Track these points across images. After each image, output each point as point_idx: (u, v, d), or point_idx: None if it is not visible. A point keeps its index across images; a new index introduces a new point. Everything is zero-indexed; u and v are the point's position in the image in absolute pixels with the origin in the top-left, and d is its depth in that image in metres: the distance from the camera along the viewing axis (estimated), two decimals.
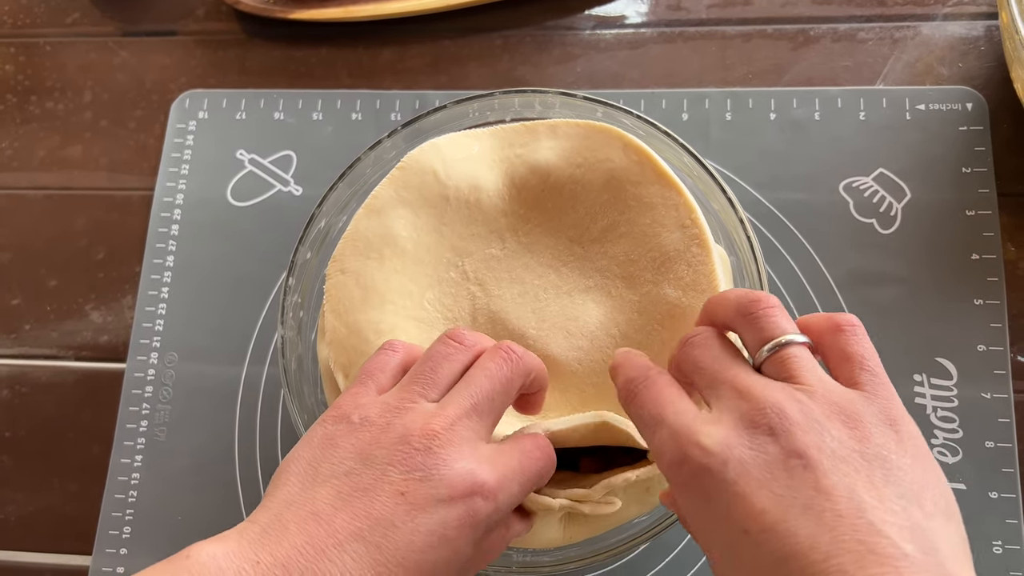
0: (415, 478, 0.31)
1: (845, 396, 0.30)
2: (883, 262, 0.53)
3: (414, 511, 0.31)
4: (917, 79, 0.56)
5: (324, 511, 0.31)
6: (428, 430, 0.32)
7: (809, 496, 0.27)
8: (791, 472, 0.28)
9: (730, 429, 0.29)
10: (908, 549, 0.26)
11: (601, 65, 0.59)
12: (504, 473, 0.33)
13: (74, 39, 0.65)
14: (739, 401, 0.30)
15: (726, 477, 0.28)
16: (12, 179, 0.62)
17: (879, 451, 0.28)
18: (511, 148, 0.47)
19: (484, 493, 0.32)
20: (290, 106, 0.60)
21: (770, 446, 0.29)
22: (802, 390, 0.30)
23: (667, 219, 0.44)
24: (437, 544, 0.31)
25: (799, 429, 0.29)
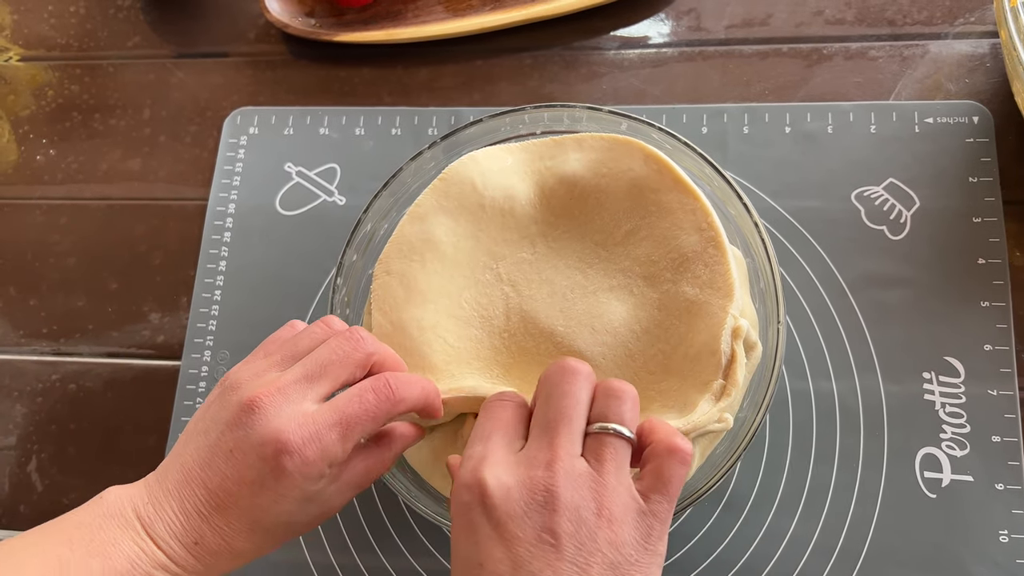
0: (238, 436, 0.38)
1: (625, 505, 0.35)
2: (893, 266, 0.56)
3: (239, 465, 0.37)
4: (926, 94, 0.59)
5: (189, 465, 0.38)
6: (259, 394, 0.38)
7: (540, 568, 0.33)
8: (540, 544, 0.33)
9: (517, 483, 0.35)
10: None
11: (625, 82, 0.63)
12: (315, 430, 0.37)
13: (134, 61, 0.70)
14: (543, 460, 0.35)
15: (490, 518, 0.34)
16: (77, 190, 0.66)
17: (623, 561, 0.34)
18: (541, 161, 0.51)
19: (288, 450, 0.37)
20: (334, 122, 0.65)
21: (536, 515, 0.34)
22: (596, 481, 0.35)
23: (685, 223, 0.47)
24: (260, 491, 0.37)
25: (566, 515, 0.34)
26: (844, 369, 0.54)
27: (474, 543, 0.34)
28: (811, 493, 0.52)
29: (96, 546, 0.36)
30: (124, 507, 0.38)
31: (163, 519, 0.37)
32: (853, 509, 0.51)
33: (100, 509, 0.38)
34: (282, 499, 0.38)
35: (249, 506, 0.38)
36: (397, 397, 0.39)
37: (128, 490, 0.39)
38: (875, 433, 0.52)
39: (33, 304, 0.64)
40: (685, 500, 0.45)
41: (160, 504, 0.38)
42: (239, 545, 0.38)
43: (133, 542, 0.37)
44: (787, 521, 0.52)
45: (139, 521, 0.37)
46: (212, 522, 0.38)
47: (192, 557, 0.38)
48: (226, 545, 0.38)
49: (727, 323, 0.44)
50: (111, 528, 0.37)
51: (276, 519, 0.38)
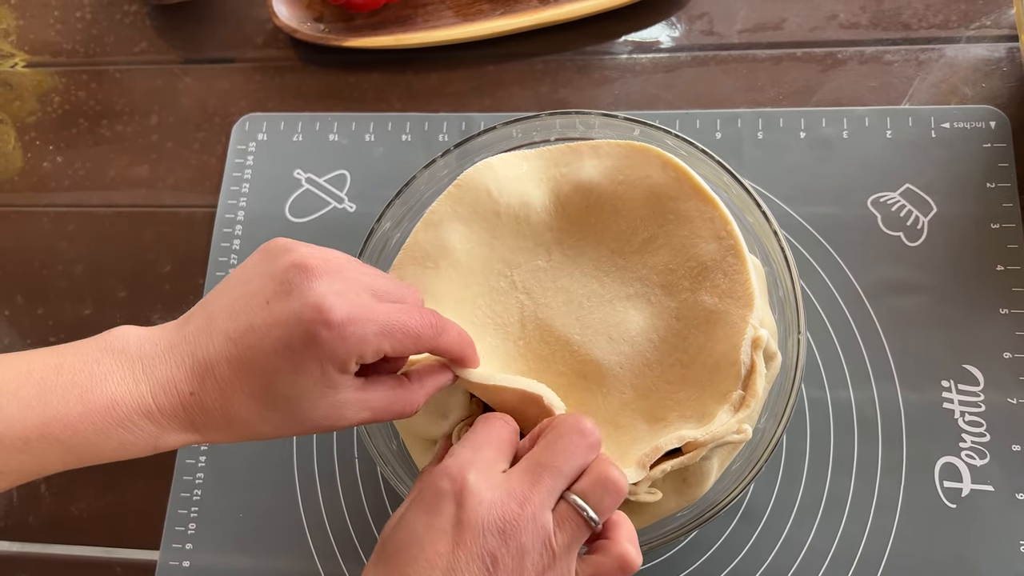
0: (282, 290, 0.35)
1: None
2: (910, 273, 0.55)
3: (270, 319, 0.35)
4: (942, 99, 0.59)
5: (216, 313, 0.36)
6: (313, 261, 0.36)
7: None
8: (480, 562, 0.34)
9: (491, 500, 0.35)
10: None
11: (638, 87, 0.62)
12: (360, 315, 0.35)
13: (141, 67, 0.69)
14: (520, 493, 0.35)
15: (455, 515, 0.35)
16: (84, 197, 0.66)
17: None
18: (556, 168, 0.51)
19: (328, 322, 0.35)
20: (344, 128, 0.64)
21: (491, 537, 0.34)
22: (548, 545, 0.35)
23: (704, 231, 0.47)
24: (283, 351, 0.35)
25: (513, 553, 0.34)
26: (862, 377, 0.53)
27: (428, 524, 0.35)
28: (829, 503, 0.51)
29: (83, 378, 0.34)
30: (128, 344, 0.36)
31: (168, 362, 0.35)
32: (872, 519, 0.51)
33: (103, 342, 0.36)
34: (301, 369, 0.35)
35: (264, 365, 0.35)
36: (440, 326, 0.38)
37: (141, 331, 0.37)
38: (894, 442, 0.52)
39: (40, 312, 0.63)
40: (705, 512, 0.44)
41: (171, 347, 0.36)
42: (236, 408, 0.36)
43: (123, 382, 0.35)
44: (805, 531, 0.51)
45: (140, 362, 0.35)
46: (218, 373, 0.35)
47: (182, 408, 0.35)
48: (222, 403, 0.35)
49: (747, 333, 0.44)
50: (107, 362, 0.35)
51: (285, 391, 0.36)
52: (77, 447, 0.34)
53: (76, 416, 0.34)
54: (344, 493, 0.55)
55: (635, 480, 0.42)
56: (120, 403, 0.34)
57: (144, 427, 0.35)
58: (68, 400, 0.34)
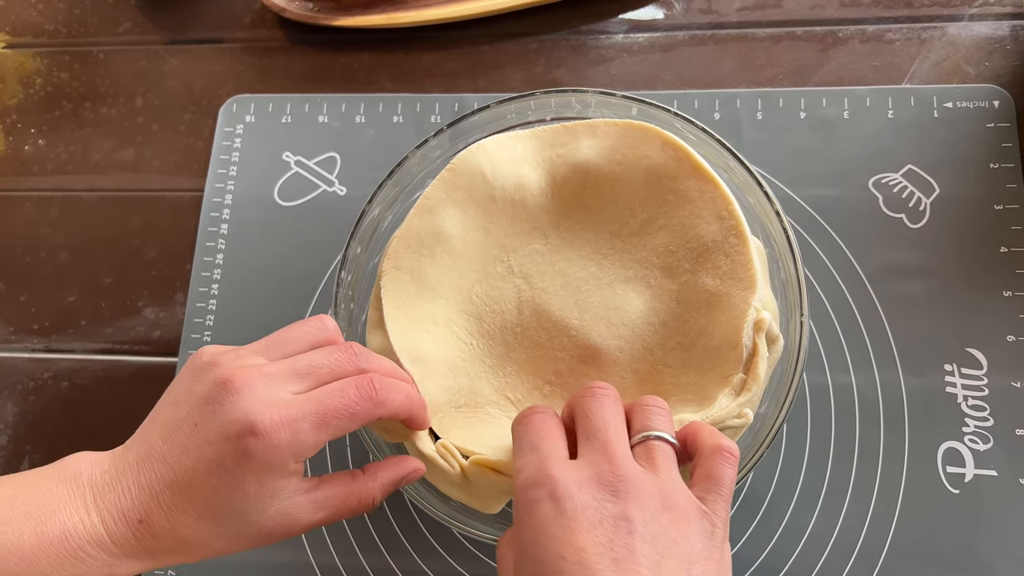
0: (208, 410, 0.36)
1: (687, 500, 0.35)
2: (913, 255, 0.54)
3: (200, 441, 0.36)
4: (944, 78, 0.58)
5: (153, 438, 0.37)
6: (238, 375, 0.36)
7: (622, 554, 0.32)
8: (617, 530, 0.33)
9: (585, 477, 0.34)
10: None
11: (635, 67, 0.61)
12: (288, 415, 0.36)
13: (126, 48, 0.68)
14: (602, 459, 0.35)
15: (564, 510, 0.33)
16: (68, 181, 0.64)
17: (692, 552, 0.33)
18: (552, 148, 0.49)
19: (255, 431, 0.35)
20: (334, 110, 0.63)
21: (609, 504, 0.33)
22: (655, 479, 0.35)
23: (704, 211, 0.46)
24: (216, 471, 0.35)
25: (636, 503, 0.33)
26: (863, 362, 0.52)
27: (549, 537, 0.33)
28: (830, 489, 0.50)
29: (36, 509, 0.35)
30: (81, 473, 0.36)
31: (115, 491, 0.36)
32: (874, 505, 0.50)
33: (57, 472, 0.37)
34: (239, 485, 0.35)
35: (203, 487, 0.35)
36: (379, 398, 0.38)
37: (92, 457, 0.37)
38: (896, 427, 0.51)
39: (24, 299, 0.62)
40: None
41: (117, 475, 0.36)
42: (185, 531, 0.36)
43: (76, 512, 0.35)
44: (806, 518, 0.50)
45: (91, 490, 0.36)
46: (162, 499, 0.36)
47: (133, 536, 0.36)
48: (171, 528, 0.36)
49: (749, 315, 0.43)
50: (59, 492, 0.36)
51: (229, 507, 0.36)
52: None
53: (30, 548, 0.34)
54: None
55: None
56: (73, 534, 0.35)
57: (97, 556, 0.35)
58: (23, 532, 0.34)
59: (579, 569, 0.32)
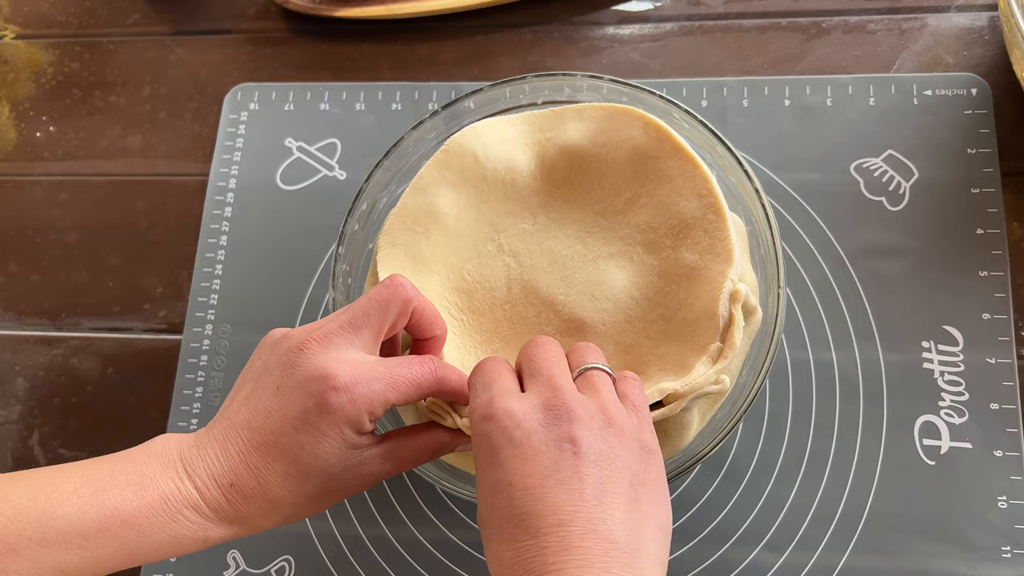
0: (287, 374, 0.39)
1: (626, 417, 0.38)
2: (892, 237, 0.56)
3: (284, 402, 0.38)
4: (924, 67, 0.60)
5: (235, 411, 0.39)
6: (307, 339, 0.39)
7: (567, 475, 0.34)
8: (562, 452, 0.35)
9: (531, 406, 0.37)
10: (621, 540, 0.33)
11: (625, 57, 0.63)
12: (364, 375, 0.38)
13: (134, 38, 0.70)
14: (547, 390, 0.37)
15: (513, 438, 0.36)
16: (78, 166, 0.66)
17: (632, 464, 0.36)
18: (542, 132, 0.51)
19: (335, 386, 0.38)
20: (335, 98, 0.65)
21: (554, 428, 0.36)
22: (596, 401, 0.37)
23: (685, 189, 0.47)
24: (302, 427, 0.38)
25: (580, 424, 0.36)
26: (844, 339, 0.54)
27: (499, 465, 0.35)
28: (811, 461, 0.52)
29: (135, 477, 0.37)
30: (170, 450, 0.39)
31: (204, 460, 0.38)
32: (852, 477, 0.52)
33: (148, 449, 0.39)
34: (323, 439, 0.38)
35: (290, 444, 0.38)
36: (440, 375, 0.41)
37: (178, 436, 0.40)
38: (874, 402, 0.53)
39: (34, 280, 0.64)
40: (686, 463, 0.45)
41: (204, 447, 0.38)
42: (274, 490, 0.38)
43: (171, 479, 0.37)
44: (787, 489, 0.52)
45: (181, 462, 0.38)
46: (250, 462, 0.38)
47: (225, 500, 0.38)
48: (260, 488, 0.38)
49: (725, 287, 0.44)
50: (153, 464, 0.38)
51: (314, 462, 0.38)
52: (132, 542, 0.36)
53: (132, 511, 0.36)
54: None
55: None
56: (171, 498, 0.37)
57: (193, 520, 0.37)
58: (124, 497, 0.36)
59: (525, 494, 0.34)
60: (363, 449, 0.40)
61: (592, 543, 0.33)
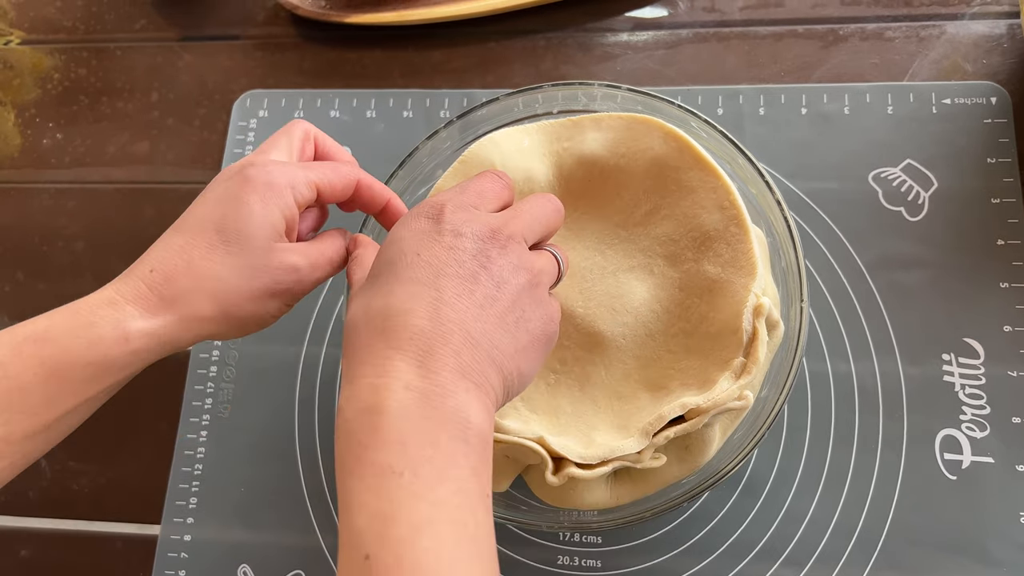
0: (223, 176, 0.42)
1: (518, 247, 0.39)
2: (911, 247, 0.55)
3: (209, 191, 0.41)
4: (943, 75, 0.59)
5: (175, 230, 0.41)
6: (254, 158, 0.42)
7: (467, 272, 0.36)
8: (476, 260, 0.36)
9: (477, 223, 0.38)
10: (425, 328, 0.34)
11: (639, 64, 0.62)
12: (285, 167, 0.41)
13: (142, 44, 0.69)
14: (496, 220, 0.39)
15: (442, 231, 0.37)
16: (85, 173, 0.66)
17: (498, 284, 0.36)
18: (559, 142, 0.51)
19: (253, 163, 0.41)
20: (345, 105, 0.64)
21: (480, 244, 0.37)
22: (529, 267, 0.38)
23: (706, 201, 0.47)
24: (224, 197, 0.40)
25: (496, 265, 0.37)
26: (863, 351, 0.54)
27: (419, 236, 0.37)
28: (830, 475, 0.52)
29: (57, 306, 0.38)
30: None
31: (131, 268, 0.39)
32: (873, 491, 0.51)
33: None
34: (243, 204, 0.39)
35: (211, 216, 0.39)
36: (367, 184, 0.44)
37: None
38: (894, 415, 0.52)
39: (42, 288, 0.63)
40: (708, 480, 0.44)
41: (135, 264, 0.40)
42: (198, 263, 0.38)
43: (97, 294, 0.38)
44: (806, 503, 0.51)
45: (117, 282, 0.39)
46: (172, 243, 0.39)
47: (146, 287, 0.38)
48: (184, 264, 0.38)
49: (749, 301, 0.44)
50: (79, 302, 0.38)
51: (236, 228, 0.39)
52: (50, 357, 0.36)
53: (43, 327, 0.36)
54: None
55: (638, 448, 0.42)
56: (84, 304, 0.37)
57: (108, 316, 0.37)
58: (37, 321, 0.37)
59: (427, 268, 0.35)
60: (283, 240, 0.40)
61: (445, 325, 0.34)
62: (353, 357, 0.34)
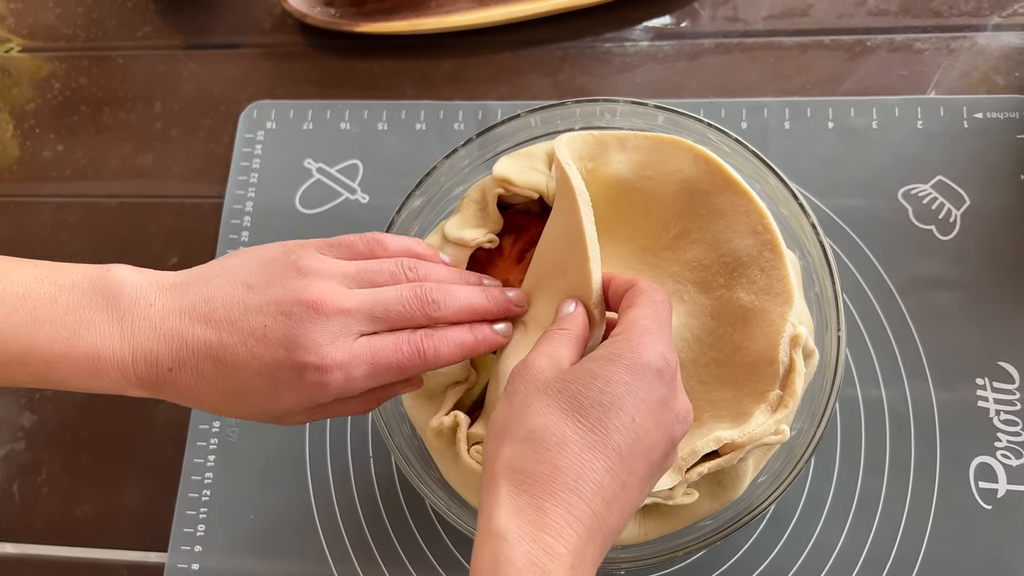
0: (282, 320, 0.36)
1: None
2: (943, 268, 0.54)
3: (263, 342, 0.36)
4: (973, 88, 0.57)
5: (215, 299, 0.37)
6: (322, 302, 0.37)
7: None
8: None
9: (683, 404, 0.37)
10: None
11: (660, 75, 0.60)
12: (348, 360, 0.37)
13: (144, 52, 0.67)
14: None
15: None
16: (87, 187, 0.64)
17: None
18: (581, 161, 0.48)
19: (319, 367, 0.36)
20: (355, 117, 0.62)
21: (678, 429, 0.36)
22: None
23: (739, 225, 0.45)
24: (266, 377, 0.36)
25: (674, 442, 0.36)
26: (894, 375, 0.52)
27: (637, 394, 0.35)
28: (861, 504, 0.50)
29: (72, 320, 0.36)
30: (124, 292, 0.37)
31: (157, 332, 0.36)
32: (905, 521, 0.49)
33: (101, 282, 0.38)
34: (277, 397, 0.37)
35: (246, 380, 0.36)
36: (431, 355, 0.39)
37: (139, 279, 0.38)
38: (927, 442, 0.51)
39: None
40: (742, 518, 0.43)
41: (164, 317, 0.37)
42: (205, 399, 0.37)
43: (109, 336, 0.36)
44: (836, 533, 0.50)
45: (131, 320, 0.37)
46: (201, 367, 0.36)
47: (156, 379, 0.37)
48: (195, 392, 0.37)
49: (786, 331, 0.42)
50: (98, 306, 0.37)
51: (255, 405, 0.38)
52: (50, 380, 0.37)
53: (58, 357, 0.36)
54: (358, 493, 0.54)
55: (671, 485, 0.41)
56: (101, 357, 0.36)
57: (117, 382, 0.37)
58: (55, 340, 0.36)
59: (631, 439, 0.33)
60: (302, 415, 0.39)
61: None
62: (537, 487, 0.32)
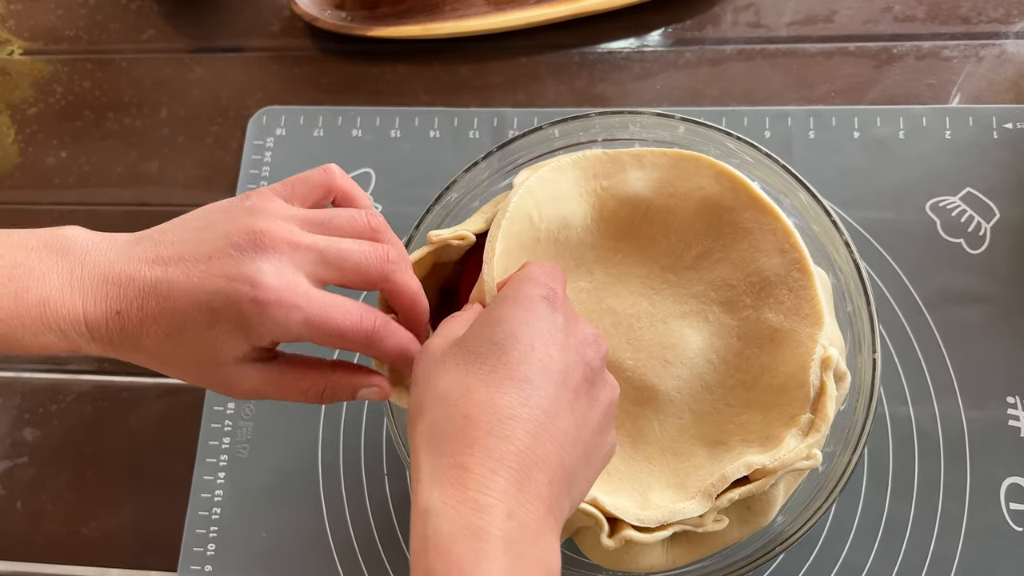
0: (226, 252, 0.35)
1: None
2: (972, 282, 0.52)
3: (206, 275, 0.35)
4: (1000, 96, 0.56)
5: (164, 244, 0.36)
6: (270, 233, 0.35)
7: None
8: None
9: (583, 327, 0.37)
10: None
11: (680, 82, 0.59)
12: (289, 300, 0.35)
13: (150, 55, 0.65)
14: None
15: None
16: (91, 195, 0.62)
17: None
18: (596, 179, 0.47)
19: (256, 298, 0.34)
20: (367, 123, 0.61)
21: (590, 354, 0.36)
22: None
23: (765, 244, 0.44)
24: (203, 308, 0.35)
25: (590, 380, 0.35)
26: (922, 393, 0.51)
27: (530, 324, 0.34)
28: (888, 526, 0.49)
29: (20, 272, 0.35)
30: (75, 245, 0.36)
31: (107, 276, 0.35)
32: (934, 544, 0.48)
33: (49, 237, 0.36)
34: (211, 328, 0.35)
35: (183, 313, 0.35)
36: (377, 337, 0.37)
37: (91, 235, 0.38)
38: (956, 462, 0.49)
39: None
40: (772, 547, 0.41)
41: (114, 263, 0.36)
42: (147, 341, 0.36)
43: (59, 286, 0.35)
44: (863, 557, 0.49)
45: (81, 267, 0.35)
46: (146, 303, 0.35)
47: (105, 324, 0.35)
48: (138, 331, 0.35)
49: (816, 353, 0.41)
50: (48, 261, 0.35)
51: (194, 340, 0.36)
52: (1, 338, 0.35)
53: (7, 312, 0.34)
54: (373, 513, 0.52)
55: (701, 511, 0.39)
56: (51, 306, 0.35)
57: (70, 335, 0.35)
58: (3, 294, 0.34)
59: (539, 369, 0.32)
60: (245, 363, 0.37)
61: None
62: (453, 445, 0.31)
